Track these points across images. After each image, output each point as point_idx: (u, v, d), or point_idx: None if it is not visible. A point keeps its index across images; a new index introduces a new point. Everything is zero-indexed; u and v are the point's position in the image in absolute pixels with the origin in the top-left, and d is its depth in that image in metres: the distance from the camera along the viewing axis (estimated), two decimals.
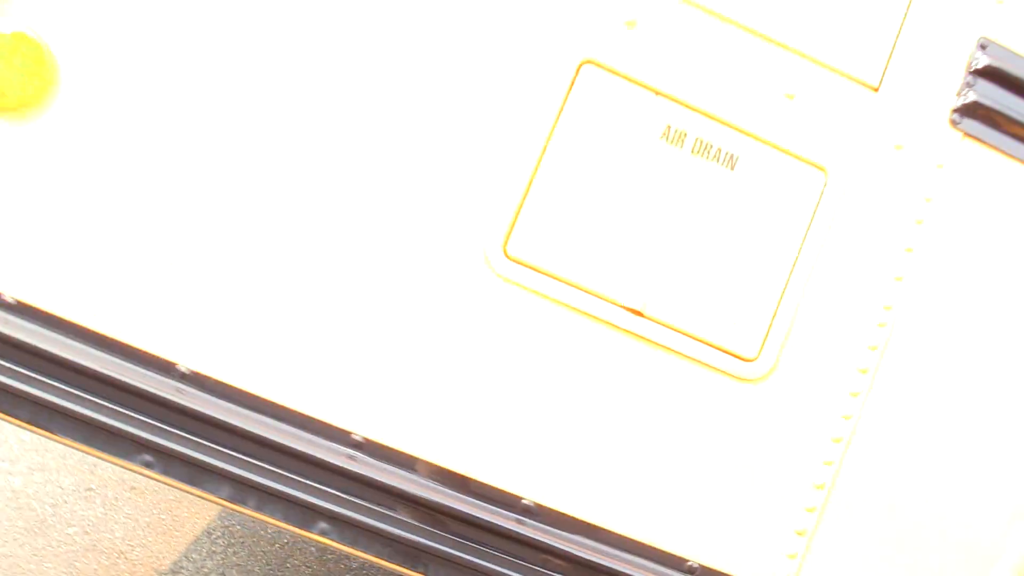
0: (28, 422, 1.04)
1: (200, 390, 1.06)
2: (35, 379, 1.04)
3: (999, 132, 1.20)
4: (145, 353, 1.06)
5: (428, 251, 1.09)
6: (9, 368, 1.04)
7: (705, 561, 1.16)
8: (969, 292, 1.20)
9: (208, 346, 1.07)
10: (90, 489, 3.10)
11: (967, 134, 1.20)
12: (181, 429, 1.06)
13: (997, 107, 1.18)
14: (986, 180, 1.20)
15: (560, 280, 1.11)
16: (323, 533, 1.08)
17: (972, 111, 1.19)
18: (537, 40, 1.10)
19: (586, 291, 1.12)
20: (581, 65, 1.10)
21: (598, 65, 1.11)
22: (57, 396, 1.04)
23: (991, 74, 1.18)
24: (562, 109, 1.10)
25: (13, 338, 1.04)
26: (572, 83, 1.10)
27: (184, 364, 1.06)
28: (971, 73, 1.19)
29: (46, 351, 1.04)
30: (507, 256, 1.10)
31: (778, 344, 1.15)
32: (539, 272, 1.11)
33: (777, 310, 1.15)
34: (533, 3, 1.10)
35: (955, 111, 1.19)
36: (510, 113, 1.09)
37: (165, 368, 1.06)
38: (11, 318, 1.04)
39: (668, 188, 1.12)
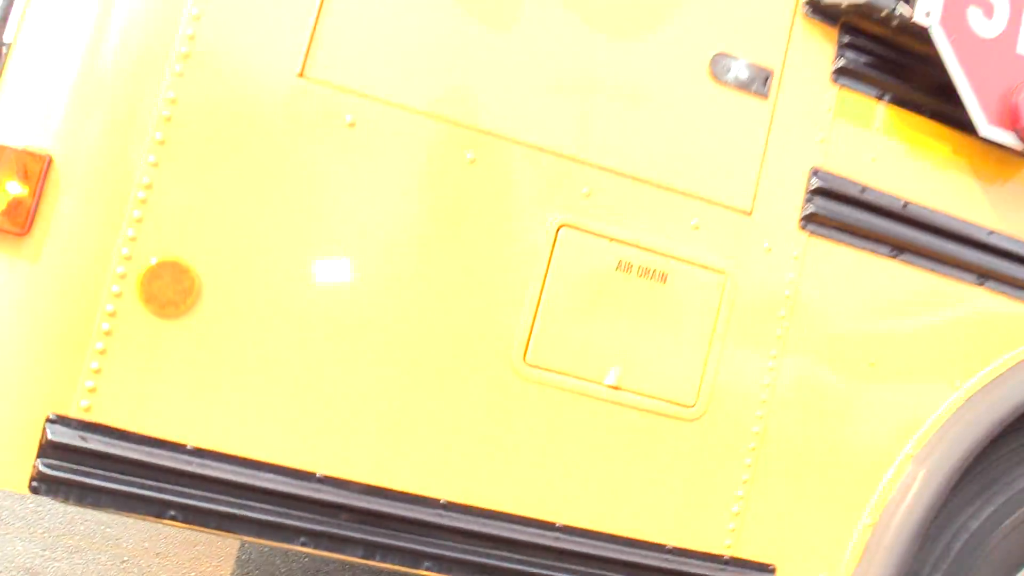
0: (217, 528, 1.50)
1: (333, 487, 1.55)
2: (217, 499, 1.50)
3: (831, 229, 1.83)
4: (286, 467, 1.54)
5: (475, 368, 1.62)
6: (193, 493, 1.50)
7: (677, 543, 1.74)
8: (824, 335, 1.83)
9: (338, 456, 1.56)
10: (125, 560, 3.44)
11: (811, 233, 1.81)
12: (324, 515, 1.54)
13: (828, 214, 1.81)
14: (826, 262, 1.82)
15: (564, 374, 1.66)
16: (428, 569, 1.59)
17: (812, 218, 1.81)
18: (529, 213, 1.63)
19: (581, 378, 1.66)
20: (559, 228, 1.65)
21: (570, 226, 1.65)
22: (235, 508, 1.50)
23: (822, 192, 1.80)
24: (550, 259, 1.64)
25: (195, 473, 1.50)
26: (555, 241, 1.64)
27: (321, 471, 1.55)
28: (809, 192, 1.80)
29: (220, 478, 1.50)
30: (527, 364, 1.64)
31: (708, 391, 1.73)
32: (550, 371, 1.65)
33: (705, 368, 1.74)
34: (528, 189, 1.63)
35: (802, 219, 1.80)
36: (520, 266, 1.63)
37: (305, 477, 1.54)
38: (193, 459, 1.50)
39: (623, 302, 1.68)
